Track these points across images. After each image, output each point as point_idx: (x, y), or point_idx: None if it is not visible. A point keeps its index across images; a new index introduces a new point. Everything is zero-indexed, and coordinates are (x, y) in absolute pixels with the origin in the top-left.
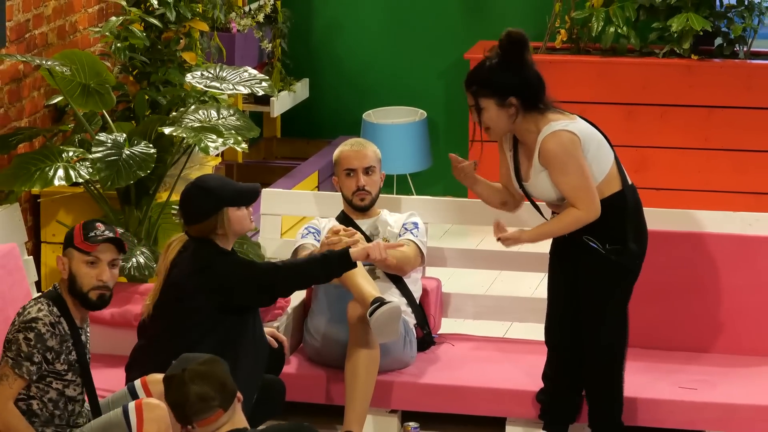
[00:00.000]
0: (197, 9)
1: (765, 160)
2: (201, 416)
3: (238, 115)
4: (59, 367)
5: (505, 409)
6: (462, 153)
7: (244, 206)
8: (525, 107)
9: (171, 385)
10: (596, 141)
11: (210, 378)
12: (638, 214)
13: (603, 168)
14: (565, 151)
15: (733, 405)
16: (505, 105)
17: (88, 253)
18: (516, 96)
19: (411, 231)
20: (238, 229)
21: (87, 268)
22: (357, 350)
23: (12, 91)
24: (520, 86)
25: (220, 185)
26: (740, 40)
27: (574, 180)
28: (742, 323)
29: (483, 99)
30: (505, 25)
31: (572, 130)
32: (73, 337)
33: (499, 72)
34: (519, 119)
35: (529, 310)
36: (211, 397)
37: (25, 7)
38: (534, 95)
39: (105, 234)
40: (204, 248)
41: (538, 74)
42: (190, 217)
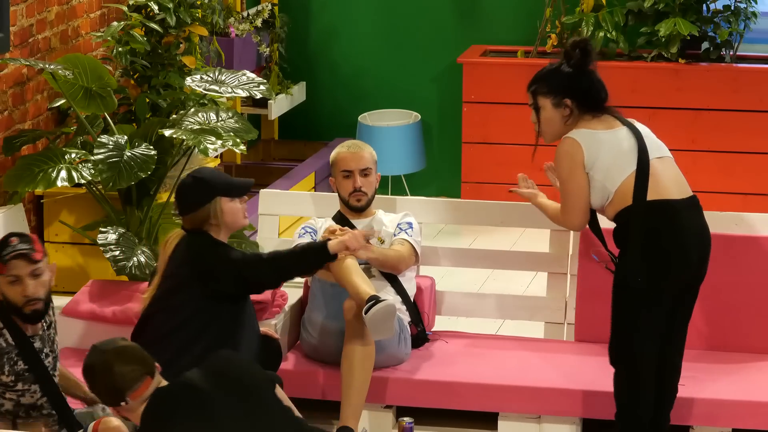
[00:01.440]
0: (197, 14)
1: (751, 161)
2: (134, 387)
3: (237, 117)
4: (5, 379)
5: (497, 404)
6: (454, 155)
7: (236, 198)
8: (579, 110)
9: (95, 372)
10: (611, 152)
11: (129, 352)
12: (656, 234)
13: (614, 179)
14: (562, 156)
15: (721, 401)
16: (560, 105)
17: (3, 273)
18: (571, 98)
19: (405, 231)
20: (230, 222)
21: (11, 288)
22: (353, 347)
23: (16, 95)
24: (577, 89)
25: (214, 176)
26: (727, 45)
27: (563, 185)
28: (729, 321)
29: (540, 98)
30: (497, 30)
31: (575, 137)
32: (19, 346)
33: (559, 74)
34: (571, 122)
35: (520, 307)
36: (137, 367)
37: (29, 12)
38: (589, 100)
39: (15, 250)
40: (197, 239)
41: (597, 82)
42: (184, 206)
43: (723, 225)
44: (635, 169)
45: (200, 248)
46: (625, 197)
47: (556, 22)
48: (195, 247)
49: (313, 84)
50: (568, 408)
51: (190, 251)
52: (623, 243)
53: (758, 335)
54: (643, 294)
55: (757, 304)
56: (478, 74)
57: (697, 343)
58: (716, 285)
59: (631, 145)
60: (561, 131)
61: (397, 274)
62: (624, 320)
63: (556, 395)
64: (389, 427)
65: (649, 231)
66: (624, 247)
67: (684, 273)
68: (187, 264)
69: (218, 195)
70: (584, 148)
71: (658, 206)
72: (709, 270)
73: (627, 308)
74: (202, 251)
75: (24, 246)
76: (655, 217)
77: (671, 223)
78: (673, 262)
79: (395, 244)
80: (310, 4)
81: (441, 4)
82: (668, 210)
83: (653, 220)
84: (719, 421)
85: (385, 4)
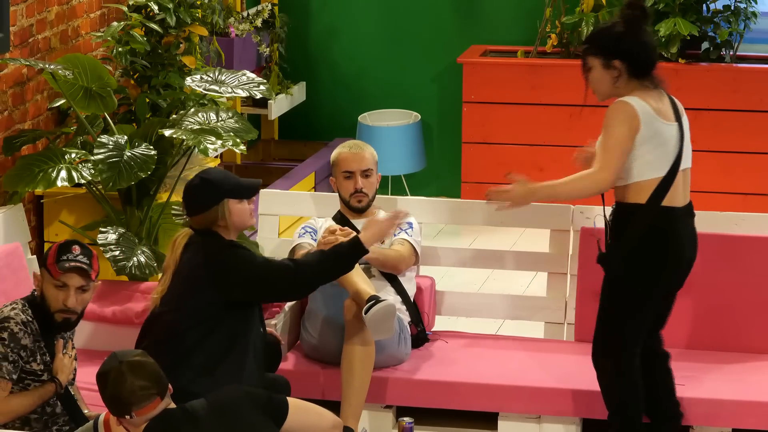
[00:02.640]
0: (197, 14)
1: (751, 161)
2: (142, 404)
3: (237, 117)
4: (35, 366)
5: (498, 404)
6: (454, 155)
7: (245, 200)
8: (629, 73)
9: (108, 379)
10: (657, 148)
11: (146, 368)
12: (657, 235)
13: (643, 173)
14: (616, 115)
15: (720, 401)
16: (609, 67)
17: (55, 277)
18: (621, 60)
19: (405, 231)
20: (238, 222)
21: (54, 291)
22: (353, 347)
23: (16, 95)
24: (627, 52)
25: (223, 177)
26: (726, 45)
27: (607, 140)
28: (729, 321)
29: (591, 58)
30: (497, 30)
31: (639, 111)
32: (45, 339)
33: (610, 34)
34: (621, 84)
35: (520, 307)
36: (149, 386)
37: (29, 12)
38: (639, 64)
39: (76, 261)
40: (212, 240)
41: (649, 45)
42: (193, 207)
43: (723, 225)
44: (663, 176)
45: (220, 253)
46: (641, 193)
47: (556, 22)
48: (214, 251)
49: (313, 84)
50: (568, 408)
51: (208, 254)
52: (620, 233)
53: (758, 335)
54: (633, 288)
55: (758, 304)
56: (478, 74)
57: (697, 343)
58: (716, 285)
59: (673, 150)
60: (611, 92)
61: (397, 274)
62: (616, 311)
63: (556, 395)
64: (389, 427)
65: (651, 231)
66: (621, 238)
67: (675, 274)
68: (202, 266)
69: (226, 197)
70: (642, 125)
71: (665, 211)
72: (709, 270)
73: (619, 299)
74: (223, 257)
75: (85, 260)
76: (660, 219)
77: (672, 228)
78: (668, 263)
79: (395, 244)
80: (310, 4)
81: (441, 4)
82: (672, 216)
83: (658, 221)
84: (719, 421)
85: (385, 4)
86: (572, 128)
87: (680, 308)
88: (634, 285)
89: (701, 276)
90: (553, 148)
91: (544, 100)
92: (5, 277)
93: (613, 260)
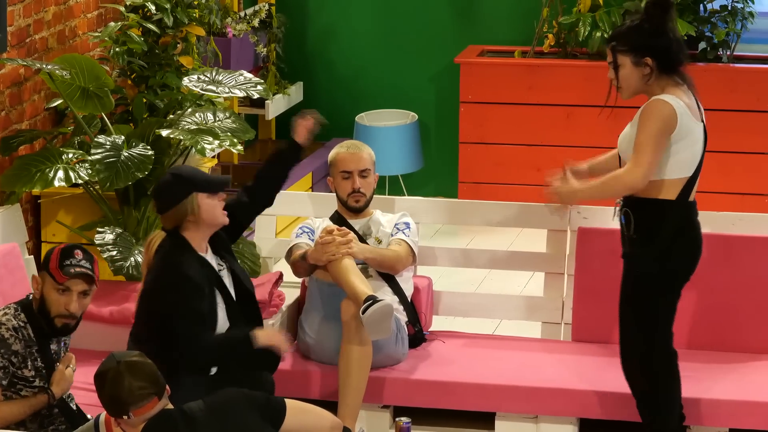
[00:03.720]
0: (194, 14)
1: (748, 161)
2: (139, 404)
3: (234, 117)
4: (27, 373)
5: (495, 404)
6: (452, 155)
7: (214, 195)
8: (659, 70)
9: (106, 379)
10: (689, 148)
11: (144, 368)
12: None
13: (673, 171)
14: (653, 112)
15: (718, 400)
16: (640, 64)
17: (60, 282)
18: (652, 57)
19: (403, 231)
20: (207, 218)
21: (57, 295)
22: (350, 347)
23: (13, 95)
24: (657, 48)
25: (191, 172)
26: (724, 45)
27: (643, 138)
28: (727, 321)
29: (620, 55)
30: (494, 31)
31: (673, 104)
32: (39, 344)
33: (640, 31)
34: (651, 81)
35: (517, 307)
36: (147, 386)
37: (26, 12)
38: (669, 61)
39: (80, 266)
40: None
41: (676, 41)
42: (162, 203)
43: (721, 225)
44: (691, 174)
45: (165, 272)
46: (672, 189)
47: (553, 22)
48: (164, 264)
49: (310, 84)
50: (565, 408)
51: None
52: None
53: (756, 335)
54: (664, 281)
55: (755, 304)
56: (475, 74)
57: (695, 342)
58: (714, 285)
59: (701, 150)
60: (640, 89)
61: (394, 274)
62: (650, 308)
63: (554, 395)
64: (386, 427)
65: (685, 226)
66: (653, 234)
67: (694, 267)
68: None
69: (195, 191)
70: (679, 124)
71: (689, 206)
72: (707, 270)
73: (648, 295)
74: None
75: (88, 265)
76: (687, 214)
77: (694, 222)
78: (696, 255)
79: (392, 244)
80: (308, 5)
81: (438, 5)
82: (693, 210)
83: (686, 217)
84: (717, 421)
85: (382, 4)
86: (569, 128)
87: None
88: (666, 279)
89: (699, 276)
90: (551, 148)
91: (541, 100)
92: (2, 277)
93: (647, 256)
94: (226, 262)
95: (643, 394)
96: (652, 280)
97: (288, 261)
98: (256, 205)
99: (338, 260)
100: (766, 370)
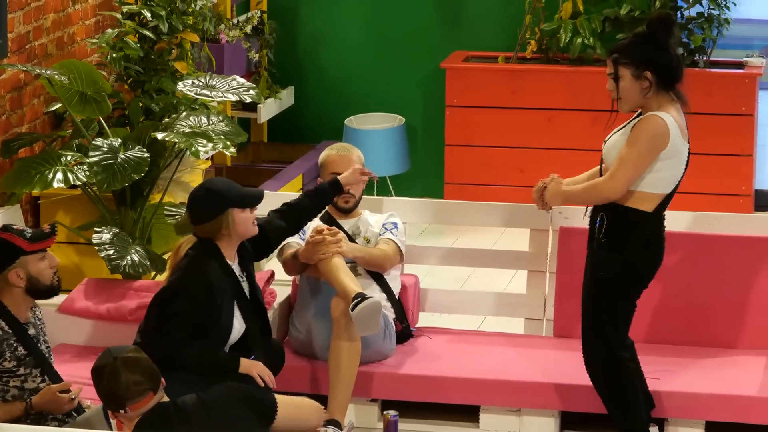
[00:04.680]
0: (188, 21)
1: (723, 162)
2: (135, 399)
3: (227, 121)
4: (7, 365)
5: (479, 397)
6: (438, 157)
7: (248, 209)
8: (659, 85)
9: (103, 375)
10: (674, 167)
11: (140, 364)
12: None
13: (655, 185)
14: (647, 129)
15: (695, 394)
16: (640, 78)
17: (43, 250)
18: (652, 71)
19: (391, 230)
20: (241, 231)
21: (43, 264)
22: (340, 343)
23: (13, 99)
24: (658, 63)
25: (227, 188)
26: (700, 50)
27: (629, 153)
28: (703, 317)
29: (621, 68)
30: (479, 37)
31: (668, 123)
32: (16, 333)
33: (642, 45)
34: (650, 95)
35: (501, 304)
36: (143, 381)
37: (26, 19)
38: (669, 76)
39: (38, 230)
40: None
41: (678, 59)
42: (197, 217)
43: (697, 224)
44: (669, 192)
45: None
46: (648, 202)
47: (536, 28)
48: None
49: (301, 88)
50: (547, 401)
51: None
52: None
53: (731, 330)
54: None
55: (730, 301)
56: (460, 79)
57: (672, 338)
58: (690, 282)
59: (683, 171)
60: (639, 102)
61: (382, 273)
62: (604, 309)
63: (536, 389)
64: (375, 420)
65: (651, 238)
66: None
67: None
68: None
69: (231, 206)
70: (669, 144)
71: (661, 220)
72: (683, 268)
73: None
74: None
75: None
76: (657, 227)
77: (662, 235)
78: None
79: (381, 243)
80: (299, 12)
81: (425, 12)
82: (662, 223)
83: (655, 230)
84: (693, 414)
85: (371, 11)
86: (551, 131)
87: (655, 305)
88: (628, 285)
89: (676, 274)
90: (533, 151)
91: (524, 104)
92: None
93: (613, 262)
94: (247, 273)
95: (610, 395)
96: (614, 284)
97: (279, 260)
98: (288, 230)
99: (328, 259)
100: (740, 364)
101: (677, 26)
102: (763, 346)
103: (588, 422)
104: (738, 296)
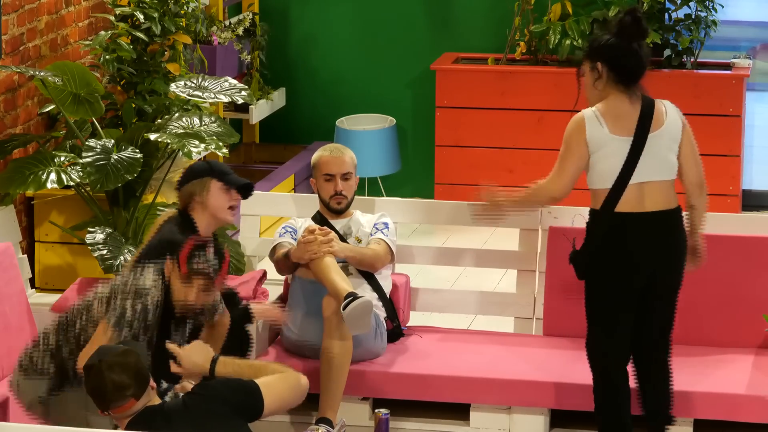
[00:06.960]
0: (181, 23)
1: (711, 163)
2: (116, 404)
3: (219, 122)
4: None
5: (470, 395)
6: (428, 157)
7: (228, 190)
8: (610, 79)
9: (90, 374)
10: (607, 160)
11: (125, 368)
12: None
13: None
14: (569, 125)
15: (683, 392)
16: (593, 69)
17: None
18: (603, 63)
19: (382, 230)
20: (213, 205)
21: (179, 284)
22: (331, 342)
23: (7, 100)
24: (611, 57)
25: (219, 163)
26: (688, 52)
27: (561, 150)
28: (691, 316)
29: (583, 61)
30: (469, 38)
31: (585, 116)
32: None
33: (602, 40)
34: (603, 89)
35: (491, 303)
36: (126, 386)
37: (20, 21)
38: (621, 69)
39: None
40: (167, 226)
41: (633, 54)
42: (181, 179)
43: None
44: (611, 187)
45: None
46: (596, 199)
47: (525, 30)
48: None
49: (292, 90)
50: (537, 399)
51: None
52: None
53: (719, 329)
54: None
55: (718, 300)
56: (450, 80)
57: None
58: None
59: (619, 164)
60: (596, 96)
61: (373, 272)
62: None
63: (526, 387)
64: (366, 418)
65: (611, 237)
66: (584, 241)
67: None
68: None
69: (211, 176)
70: (588, 137)
71: (618, 218)
72: None
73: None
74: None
75: (213, 264)
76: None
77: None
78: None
79: (372, 243)
80: (290, 14)
81: (415, 14)
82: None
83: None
84: (681, 412)
85: (361, 13)
86: (540, 132)
87: None
88: (597, 286)
89: None
90: (522, 151)
91: (513, 105)
92: None
93: (580, 261)
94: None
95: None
96: (587, 283)
97: (271, 259)
98: None
99: (320, 259)
100: (729, 363)
101: (643, 24)
102: (751, 344)
103: (577, 420)
104: (725, 295)
